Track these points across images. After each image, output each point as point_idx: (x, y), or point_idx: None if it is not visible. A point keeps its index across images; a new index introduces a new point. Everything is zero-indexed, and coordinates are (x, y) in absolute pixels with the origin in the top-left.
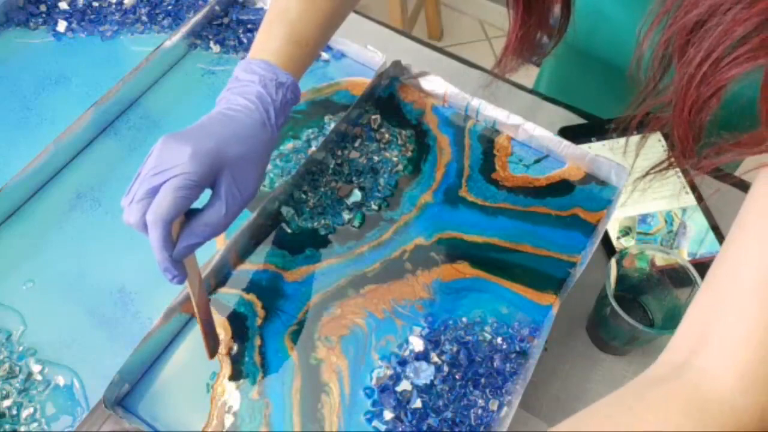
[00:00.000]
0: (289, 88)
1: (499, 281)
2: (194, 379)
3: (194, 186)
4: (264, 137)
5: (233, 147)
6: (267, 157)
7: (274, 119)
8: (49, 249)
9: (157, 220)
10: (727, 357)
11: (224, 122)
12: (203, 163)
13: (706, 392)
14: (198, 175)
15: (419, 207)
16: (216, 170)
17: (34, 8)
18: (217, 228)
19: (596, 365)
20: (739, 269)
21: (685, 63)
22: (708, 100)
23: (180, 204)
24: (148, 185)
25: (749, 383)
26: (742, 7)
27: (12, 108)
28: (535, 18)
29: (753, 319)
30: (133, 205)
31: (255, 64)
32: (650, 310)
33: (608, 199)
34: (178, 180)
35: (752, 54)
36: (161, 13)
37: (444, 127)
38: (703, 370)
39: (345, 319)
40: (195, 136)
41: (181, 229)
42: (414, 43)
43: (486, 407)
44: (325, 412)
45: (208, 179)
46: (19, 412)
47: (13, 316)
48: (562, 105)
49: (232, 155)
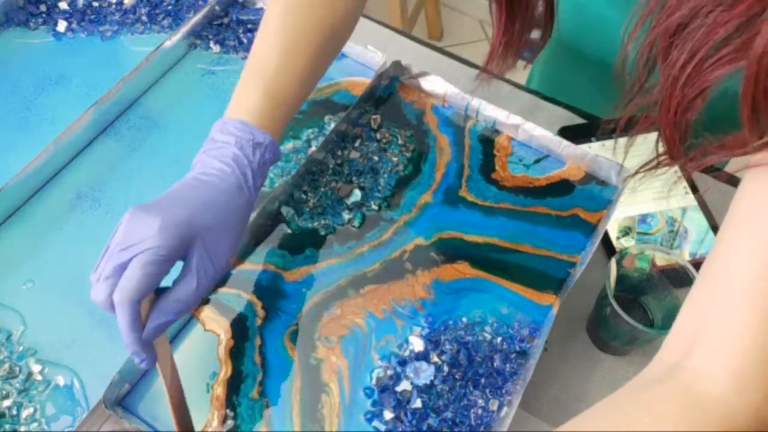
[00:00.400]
0: (267, 148)
1: (499, 281)
2: (194, 379)
3: (164, 261)
4: (240, 202)
5: (206, 215)
6: (243, 222)
7: (252, 181)
8: (49, 249)
9: (125, 300)
10: (719, 356)
11: (198, 188)
12: (173, 235)
13: (700, 392)
14: (167, 249)
15: (419, 207)
16: (187, 242)
17: (34, 8)
18: (188, 304)
19: (596, 365)
20: (730, 268)
21: (669, 65)
22: (693, 101)
23: (149, 281)
24: (116, 261)
25: (743, 382)
26: (722, 10)
27: (12, 108)
28: (518, 24)
29: (745, 318)
30: (100, 283)
31: (231, 124)
32: (650, 310)
33: (608, 199)
34: (146, 255)
35: (734, 55)
36: (161, 13)
37: (444, 127)
38: (696, 370)
39: (345, 319)
40: (165, 206)
41: (150, 307)
42: (414, 43)
43: (486, 407)
44: (325, 412)
45: (179, 252)
46: (19, 412)
47: (13, 316)
48: (562, 105)
49: (204, 224)
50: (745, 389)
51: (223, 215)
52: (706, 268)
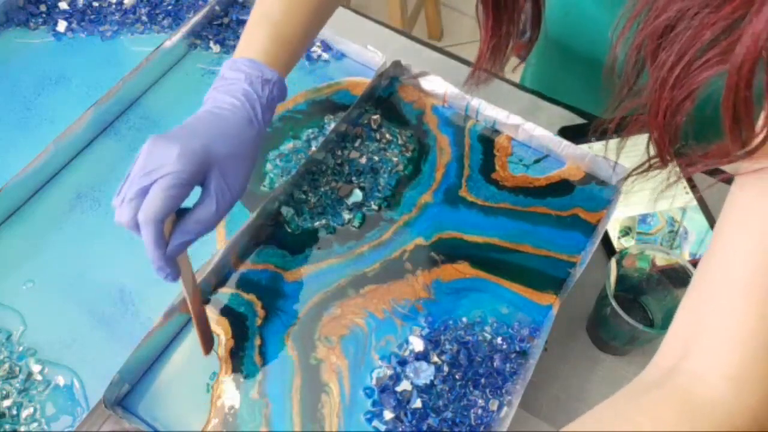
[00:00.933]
0: (275, 85)
1: (499, 281)
2: (194, 379)
3: (184, 184)
4: (251, 134)
5: (221, 145)
6: (255, 152)
7: (261, 115)
8: (49, 249)
9: (149, 220)
10: (716, 359)
11: (211, 121)
12: (191, 161)
13: (697, 396)
14: (187, 173)
15: (419, 207)
16: (205, 168)
17: (34, 8)
18: (208, 224)
19: (596, 365)
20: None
21: (657, 67)
22: (681, 103)
23: (170, 203)
24: (138, 185)
25: (740, 385)
26: (709, 11)
27: (12, 108)
28: (505, 27)
29: (740, 319)
30: (124, 206)
31: (240, 62)
32: (650, 310)
33: (608, 199)
34: (167, 179)
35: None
36: (161, 13)
37: (444, 127)
38: (693, 373)
39: (345, 319)
40: (182, 135)
41: (173, 227)
42: (414, 43)
43: (486, 407)
44: (325, 412)
45: (197, 177)
46: (19, 412)
47: (13, 316)
48: (562, 105)
49: (220, 153)
50: (741, 392)
51: (236, 145)
52: (700, 271)
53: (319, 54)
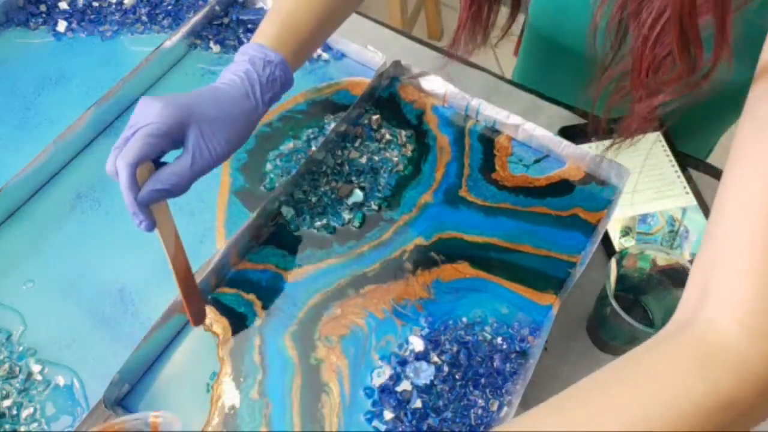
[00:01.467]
0: (277, 66)
1: (499, 281)
2: (194, 379)
3: (162, 135)
4: (245, 106)
5: (206, 107)
6: (245, 125)
7: (259, 93)
8: (49, 249)
9: (124, 164)
10: (729, 307)
11: (207, 91)
12: (171, 115)
13: (713, 343)
14: (166, 125)
15: (419, 207)
16: (185, 125)
17: (34, 8)
18: (182, 178)
19: (596, 365)
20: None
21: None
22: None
23: (146, 150)
24: (123, 136)
25: (754, 333)
26: None
27: (12, 108)
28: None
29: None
30: (110, 155)
31: (248, 46)
32: (650, 310)
33: (608, 199)
34: (146, 129)
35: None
36: (161, 13)
37: (444, 127)
38: (707, 321)
39: (345, 319)
40: (171, 96)
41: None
42: (414, 43)
43: (486, 407)
44: (325, 412)
45: (177, 131)
46: (19, 412)
47: (13, 316)
48: (562, 105)
49: (203, 113)
50: (755, 339)
51: (223, 110)
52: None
53: (319, 54)
